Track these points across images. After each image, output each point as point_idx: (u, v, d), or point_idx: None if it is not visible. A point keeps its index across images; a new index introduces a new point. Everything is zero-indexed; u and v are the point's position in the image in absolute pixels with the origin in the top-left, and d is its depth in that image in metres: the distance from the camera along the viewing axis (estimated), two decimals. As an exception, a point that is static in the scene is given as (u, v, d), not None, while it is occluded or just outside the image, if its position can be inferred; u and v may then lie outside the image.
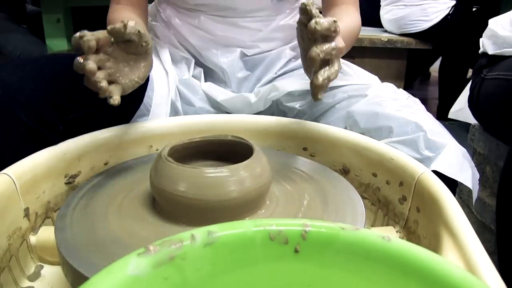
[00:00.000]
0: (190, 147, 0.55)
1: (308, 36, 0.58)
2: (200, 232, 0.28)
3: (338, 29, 0.57)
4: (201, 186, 0.45)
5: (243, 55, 0.86)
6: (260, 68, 0.87)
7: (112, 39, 0.58)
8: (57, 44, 2.27)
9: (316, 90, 0.58)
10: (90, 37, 0.54)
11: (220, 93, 0.82)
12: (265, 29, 0.86)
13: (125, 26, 0.55)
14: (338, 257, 0.28)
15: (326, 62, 0.58)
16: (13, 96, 0.66)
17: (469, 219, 1.37)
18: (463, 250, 0.42)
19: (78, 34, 0.54)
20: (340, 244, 0.28)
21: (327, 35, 0.56)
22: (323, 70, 0.57)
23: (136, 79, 0.62)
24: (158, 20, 0.92)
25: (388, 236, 0.27)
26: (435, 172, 0.61)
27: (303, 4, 0.56)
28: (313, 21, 0.54)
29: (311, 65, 0.58)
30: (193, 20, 0.86)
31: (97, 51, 0.57)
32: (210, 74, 0.88)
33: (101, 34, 0.57)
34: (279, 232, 0.28)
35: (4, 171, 0.54)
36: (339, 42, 0.58)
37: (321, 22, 0.54)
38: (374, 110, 0.71)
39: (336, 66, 0.58)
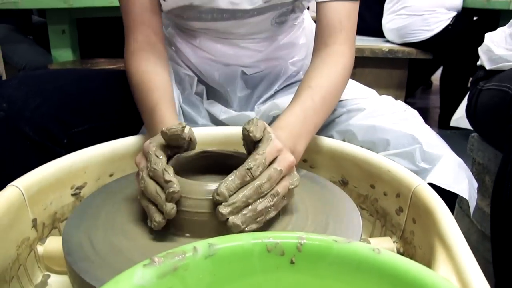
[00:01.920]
0: (192, 161, 0.56)
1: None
2: (201, 245, 0.30)
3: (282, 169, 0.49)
4: (203, 199, 0.47)
5: (244, 74, 0.87)
6: (261, 87, 0.88)
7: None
8: (62, 55, 2.30)
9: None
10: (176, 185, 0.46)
11: (222, 112, 0.83)
12: (265, 50, 0.87)
13: (182, 128, 0.51)
14: (332, 268, 0.30)
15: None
16: (18, 111, 0.69)
17: (469, 229, 1.37)
18: (455, 262, 0.43)
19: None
20: (334, 256, 0.30)
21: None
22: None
23: None
24: None
25: (378, 249, 0.29)
26: (433, 184, 0.62)
27: (244, 129, 0.51)
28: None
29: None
30: (194, 40, 0.86)
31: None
32: (212, 92, 0.89)
33: (164, 153, 0.51)
34: (276, 244, 0.30)
35: (13, 183, 0.55)
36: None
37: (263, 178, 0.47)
38: (372, 123, 0.73)
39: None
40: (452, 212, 0.70)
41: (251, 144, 0.52)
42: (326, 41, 0.75)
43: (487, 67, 1.11)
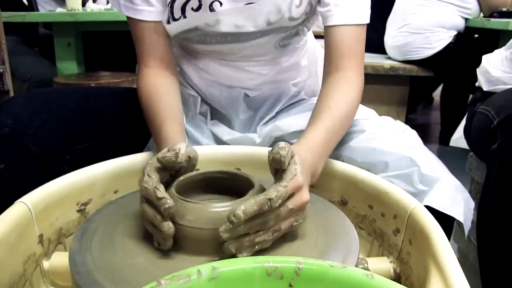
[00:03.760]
0: (194, 182, 0.58)
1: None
2: (205, 268, 0.31)
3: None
4: (206, 219, 0.49)
5: (246, 96, 0.88)
6: (264, 108, 0.89)
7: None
8: (67, 67, 2.33)
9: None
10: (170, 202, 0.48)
11: (226, 133, 0.85)
12: (269, 73, 0.88)
13: (176, 154, 0.52)
14: (328, 292, 0.31)
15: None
16: (23, 128, 0.71)
17: (468, 246, 1.36)
18: (448, 284, 0.45)
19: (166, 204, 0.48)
20: (330, 280, 0.31)
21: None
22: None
23: None
24: None
25: (372, 274, 0.30)
26: (429, 206, 0.64)
27: (276, 153, 0.50)
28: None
29: None
30: (199, 62, 0.88)
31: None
32: (216, 113, 0.90)
33: (157, 173, 0.53)
34: (276, 268, 0.32)
35: (21, 199, 0.57)
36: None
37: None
38: (371, 145, 0.75)
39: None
40: (450, 232, 0.71)
41: (274, 168, 0.53)
42: (337, 66, 0.77)
43: (485, 88, 1.13)
